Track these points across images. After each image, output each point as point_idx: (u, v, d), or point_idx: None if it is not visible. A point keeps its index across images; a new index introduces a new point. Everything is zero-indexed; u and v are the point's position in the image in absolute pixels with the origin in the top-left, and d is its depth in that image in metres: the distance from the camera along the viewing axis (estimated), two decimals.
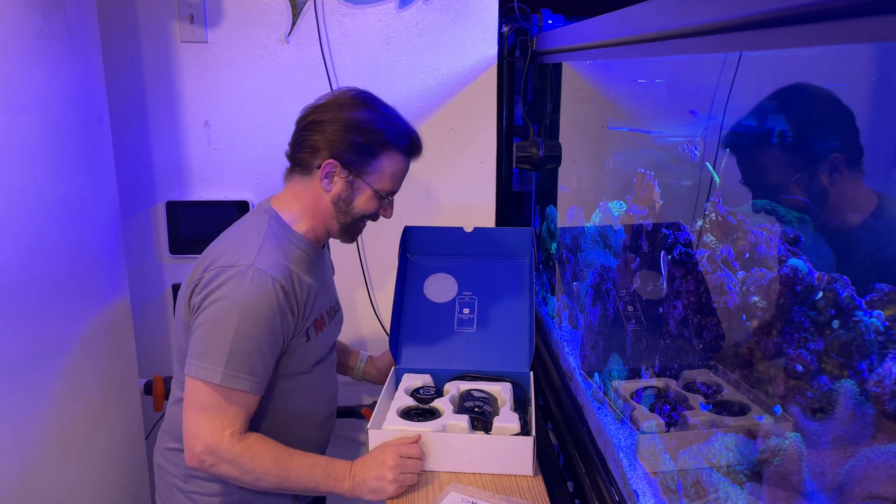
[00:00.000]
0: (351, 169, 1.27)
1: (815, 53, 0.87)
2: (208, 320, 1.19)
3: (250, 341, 1.18)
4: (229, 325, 1.17)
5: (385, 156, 1.29)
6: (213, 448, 1.18)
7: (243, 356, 1.18)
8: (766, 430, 0.85)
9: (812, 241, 0.98)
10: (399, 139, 1.30)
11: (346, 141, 1.25)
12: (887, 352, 0.75)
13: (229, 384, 1.17)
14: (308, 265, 1.31)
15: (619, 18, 1.00)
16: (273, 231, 1.28)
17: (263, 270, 1.19)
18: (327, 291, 1.40)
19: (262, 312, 1.18)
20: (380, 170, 1.29)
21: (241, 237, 1.27)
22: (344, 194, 1.29)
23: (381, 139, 1.28)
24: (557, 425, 1.45)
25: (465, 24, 1.91)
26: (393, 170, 1.30)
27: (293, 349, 1.28)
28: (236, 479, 1.22)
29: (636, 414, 1.14)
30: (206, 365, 1.18)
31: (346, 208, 1.30)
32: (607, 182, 1.72)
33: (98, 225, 1.59)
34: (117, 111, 1.86)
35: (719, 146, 1.19)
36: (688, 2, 0.72)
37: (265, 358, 1.21)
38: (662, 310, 1.17)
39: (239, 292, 1.18)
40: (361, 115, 1.27)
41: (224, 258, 1.22)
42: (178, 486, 1.32)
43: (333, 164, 1.26)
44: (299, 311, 1.25)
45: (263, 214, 1.31)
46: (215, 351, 1.17)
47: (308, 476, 1.23)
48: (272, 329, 1.20)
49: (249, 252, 1.21)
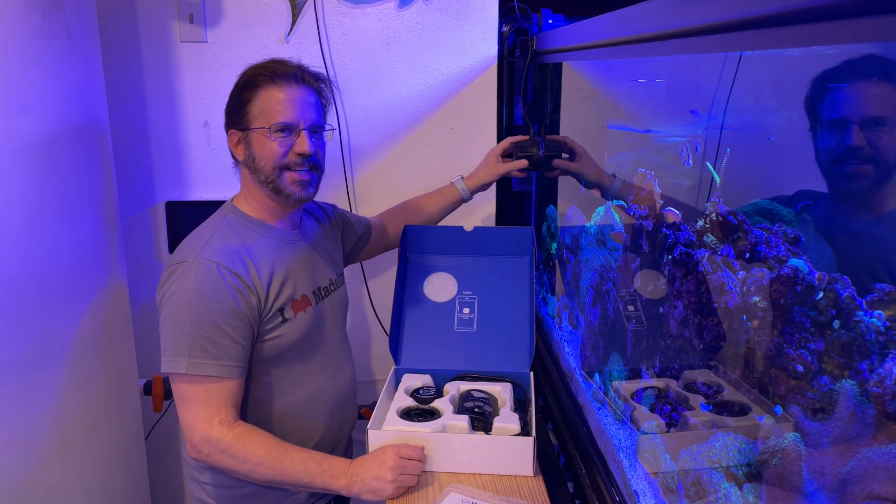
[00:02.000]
0: (238, 127, 1.32)
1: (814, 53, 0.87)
2: (165, 316, 1.24)
3: (207, 327, 1.21)
4: (183, 315, 1.21)
5: (253, 98, 1.30)
6: (206, 437, 1.22)
7: (204, 342, 1.21)
8: (766, 431, 0.85)
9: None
10: (253, 76, 1.31)
11: (228, 107, 1.35)
12: (888, 352, 0.75)
13: (196, 371, 1.21)
14: (277, 248, 1.34)
15: (619, 18, 1.00)
16: (227, 223, 1.33)
17: (207, 258, 1.24)
18: (314, 271, 1.41)
19: (211, 296, 1.22)
20: (256, 112, 1.30)
21: (196, 235, 1.33)
22: (248, 153, 1.32)
23: (240, 87, 1.32)
24: (557, 425, 1.45)
25: (465, 24, 1.91)
26: (263, 104, 1.30)
27: (270, 330, 1.30)
28: (232, 470, 1.23)
29: (636, 414, 1.14)
30: (170, 359, 1.22)
31: (254, 165, 1.32)
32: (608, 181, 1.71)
33: (98, 225, 1.59)
34: (117, 111, 1.86)
35: (719, 146, 1.19)
36: (688, 2, 0.72)
37: (231, 340, 1.23)
38: (663, 310, 1.17)
39: (186, 283, 1.22)
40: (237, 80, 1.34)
41: (177, 256, 1.29)
42: (195, 478, 1.37)
43: (232, 132, 1.33)
44: (261, 289, 1.28)
45: (222, 211, 1.37)
46: (177, 343, 1.22)
47: (303, 470, 1.24)
48: (230, 310, 1.23)
49: (197, 246, 1.27)
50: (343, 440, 1.48)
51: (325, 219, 1.55)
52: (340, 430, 1.45)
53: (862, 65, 0.94)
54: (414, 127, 1.97)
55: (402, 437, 1.28)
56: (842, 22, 0.47)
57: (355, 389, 1.51)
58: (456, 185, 1.71)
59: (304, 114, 1.31)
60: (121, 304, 1.71)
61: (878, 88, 0.97)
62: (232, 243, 1.29)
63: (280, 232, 1.37)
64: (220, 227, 1.32)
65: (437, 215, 1.75)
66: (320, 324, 1.40)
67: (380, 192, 2.01)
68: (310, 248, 1.43)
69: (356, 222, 1.65)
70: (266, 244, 1.33)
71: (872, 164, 0.98)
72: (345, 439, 1.48)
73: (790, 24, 0.54)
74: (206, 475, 1.34)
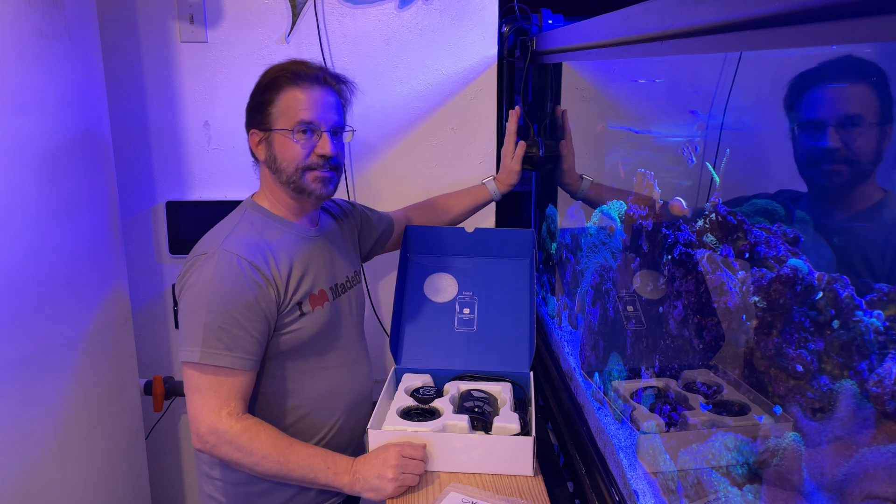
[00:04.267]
0: (260, 127, 1.33)
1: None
2: (184, 306, 1.26)
3: (224, 317, 1.22)
4: (201, 305, 1.23)
5: (276, 98, 1.31)
6: (213, 428, 1.22)
7: (220, 332, 1.22)
8: (766, 431, 0.85)
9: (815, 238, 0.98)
10: (276, 77, 1.32)
11: (250, 108, 1.36)
12: (887, 352, 0.75)
13: (209, 361, 1.21)
14: (296, 243, 1.36)
15: (619, 18, 1.00)
16: (248, 218, 1.35)
17: (228, 251, 1.26)
18: (332, 267, 1.43)
19: (231, 288, 1.23)
20: (278, 113, 1.31)
21: (216, 230, 1.34)
22: (269, 153, 1.34)
23: (263, 88, 1.33)
24: (557, 425, 1.45)
25: (465, 24, 1.91)
26: (287, 105, 1.31)
27: (288, 324, 1.31)
28: (238, 463, 1.24)
29: (636, 414, 1.14)
30: (186, 347, 1.23)
31: (276, 165, 1.33)
32: (607, 181, 1.71)
33: (98, 225, 1.59)
34: (117, 111, 1.86)
35: (719, 146, 1.19)
36: (688, 2, 0.72)
37: (247, 333, 1.24)
38: (662, 310, 1.17)
39: (206, 274, 1.24)
40: (257, 81, 1.36)
41: (198, 249, 1.30)
42: (206, 473, 1.37)
43: (253, 132, 1.34)
44: (280, 283, 1.29)
45: (243, 207, 1.39)
46: (193, 333, 1.23)
47: (307, 465, 1.24)
48: (247, 303, 1.24)
49: (218, 239, 1.29)
50: (357, 438, 1.47)
51: (343, 216, 1.57)
52: (355, 428, 1.45)
53: (838, 66, 0.96)
54: (414, 127, 1.97)
55: (402, 437, 1.28)
56: (842, 22, 0.47)
57: (371, 388, 1.51)
58: (487, 186, 1.76)
59: (325, 115, 1.32)
60: (121, 304, 1.71)
61: (853, 88, 0.99)
62: (252, 237, 1.31)
63: (299, 228, 1.38)
64: (241, 222, 1.34)
65: (465, 215, 1.78)
66: (337, 319, 1.41)
67: (380, 192, 2.01)
68: (328, 245, 1.44)
69: (376, 219, 1.66)
70: (286, 239, 1.35)
71: (846, 165, 0.99)
72: (358, 438, 1.48)
73: (790, 24, 0.54)
74: (217, 471, 1.35)
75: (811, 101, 1.02)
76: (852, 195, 1.02)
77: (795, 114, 1.04)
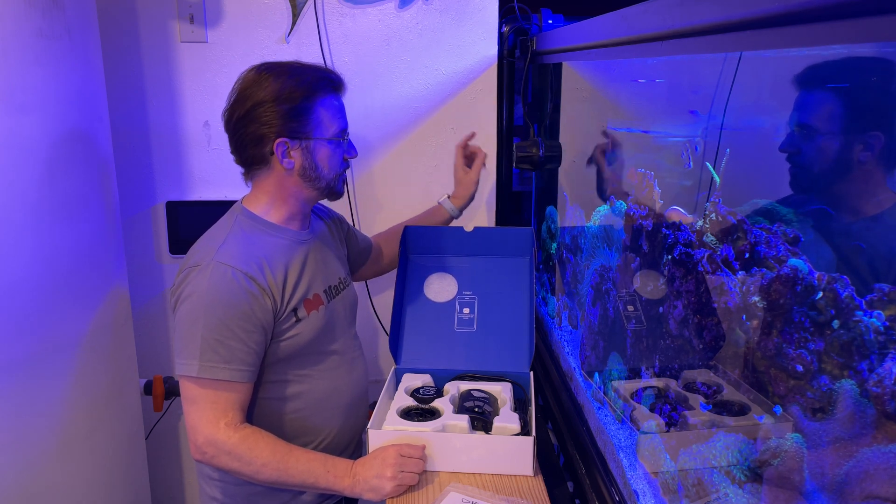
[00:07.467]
0: (299, 135, 1.29)
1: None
2: (179, 319, 1.25)
3: (221, 331, 1.21)
4: (197, 318, 1.22)
5: (317, 106, 1.30)
6: (211, 439, 1.22)
7: (217, 346, 1.21)
8: (766, 431, 0.85)
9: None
10: (319, 84, 1.31)
11: (281, 115, 1.26)
12: (887, 352, 0.75)
13: (207, 375, 1.21)
14: (290, 248, 1.35)
15: (619, 18, 1.00)
16: (241, 225, 1.33)
17: (223, 262, 1.24)
18: (325, 270, 1.42)
19: (226, 300, 1.22)
20: (320, 121, 1.31)
21: (209, 237, 1.33)
22: (306, 162, 1.31)
23: (305, 94, 1.28)
24: (557, 425, 1.45)
25: (465, 24, 1.91)
26: (331, 113, 1.32)
27: (285, 330, 1.31)
28: (237, 472, 1.24)
29: (636, 414, 1.14)
30: (183, 361, 1.23)
31: (314, 174, 1.32)
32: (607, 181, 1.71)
33: (98, 225, 1.59)
34: (117, 111, 1.86)
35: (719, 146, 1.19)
36: (688, 2, 0.72)
37: (243, 344, 1.24)
38: (662, 310, 1.17)
39: (201, 287, 1.23)
40: (278, 85, 1.27)
41: (191, 259, 1.28)
42: (207, 475, 1.36)
43: (283, 141, 1.28)
44: (276, 291, 1.28)
45: (233, 213, 1.36)
46: (189, 346, 1.22)
47: (307, 471, 1.24)
48: (243, 314, 1.23)
49: (212, 249, 1.27)
50: (356, 438, 1.48)
51: (330, 218, 1.57)
52: (354, 427, 1.46)
53: (826, 69, 0.96)
54: (414, 127, 1.98)
55: (402, 437, 1.28)
56: (842, 22, 0.47)
57: (367, 388, 1.51)
58: (444, 206, 1.76)
59: (346, 120, 1.37)
60: (121, 304, 1.71)
61: (825, 93, 1.00)
62: (246, 245, 1.29)
63: (292, 233, 1.37)
64: (233, 229, 1.32)
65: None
66: (332, 322, 1.41)
67: (380, 192, 2.01)
68: (321, 247, 1.44)
69: (360, 235, 1.67)
70: (279, 245, 1.33)
71: (813, 168, 1.00)
72: (357, 437, 1.48)
73: (790, 24, 0.54)
74: (218, 472, 1.35)
75: (812, 102, 1.02)
76: (861, 198, 1.02)
77: (799, 114, 1.04)
